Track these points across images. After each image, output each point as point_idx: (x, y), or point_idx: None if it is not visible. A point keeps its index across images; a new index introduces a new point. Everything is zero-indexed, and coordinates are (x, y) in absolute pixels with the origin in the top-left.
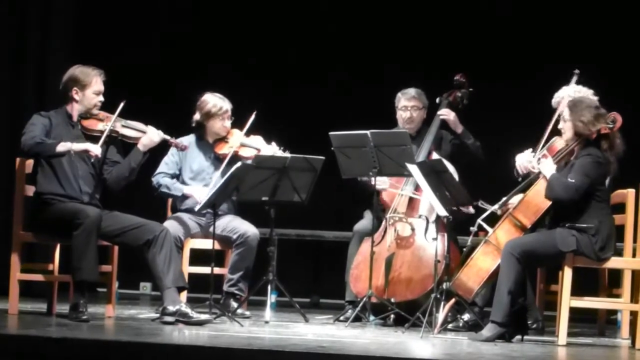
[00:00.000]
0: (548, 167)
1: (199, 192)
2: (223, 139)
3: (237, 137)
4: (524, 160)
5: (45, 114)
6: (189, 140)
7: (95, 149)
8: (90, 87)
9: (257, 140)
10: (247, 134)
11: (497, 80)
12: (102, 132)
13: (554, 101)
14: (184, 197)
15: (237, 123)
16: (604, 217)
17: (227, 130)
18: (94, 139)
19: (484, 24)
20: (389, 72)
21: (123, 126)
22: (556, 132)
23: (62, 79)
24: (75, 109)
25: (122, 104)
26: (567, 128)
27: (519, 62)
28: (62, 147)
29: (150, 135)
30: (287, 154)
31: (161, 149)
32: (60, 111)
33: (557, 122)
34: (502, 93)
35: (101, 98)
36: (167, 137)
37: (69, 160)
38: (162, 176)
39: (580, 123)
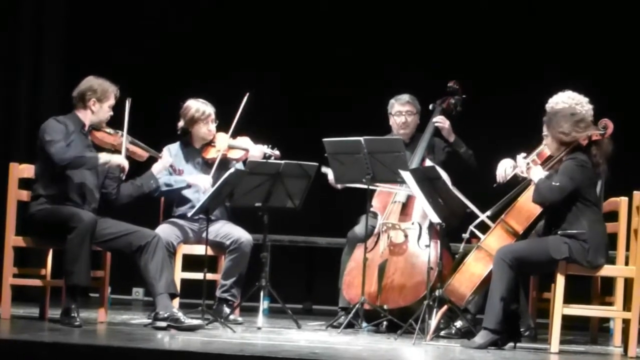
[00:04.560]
0: (537, 173)
1: (203, 180)
2: (210, 144)
3: (223, 140)
4: (502, 169)
5: (62, 119)
6: (175, 148)
7: (126, 164)
8: (108, 101)
9: (245, 141)
10: (234, 135)
11: (489, 87)
12: (113, 145)
13: (547, 106)
14: (183, 200)
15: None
16: (596, 225)
17: (213, 134)
18: (104, 152)
19: (478, 31)
20: (384, 78)
21: (131, 143)
22: None
23: (78, 85)
24: (88, 118)
25: (128, 103)
26: (549, 142)
27: (512, 70)
28: (103, 159)
29: (164, 162)
30: (276, 152)
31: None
32: (72, 117)
33: None
34: (494, 100)
35: (112, 112)
36: (172, 160)
37: (78, 169)
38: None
39: (562, 135)
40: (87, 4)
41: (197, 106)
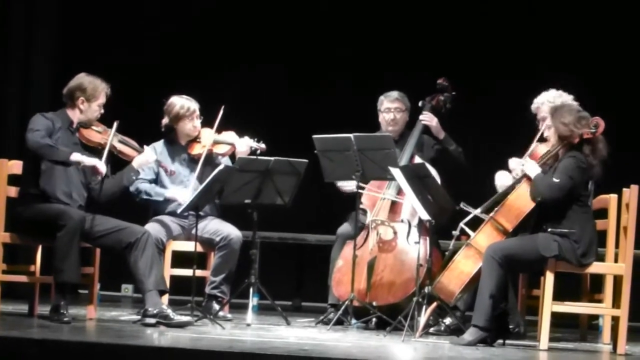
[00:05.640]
0: (533, 168)
1: (181, 195)
2: (195, 140)
3: (208, 136)
4: (504, 180)
5: (49, 116)
6: (160, 146)
7: (102, 168)
8: (97, 100)
9: (230, 135)
10: (218, 130)
11: (480, 85)
12: (100, 144)
13: (533, 107)
14: (167, 201)
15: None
16: (586, 223)
17: (198, 130)
18: (91, 150)
19: (469, 29)
20: (374, 76)
21: (119, 142)
22: (539, 139)
23: (68, 82)
24: (76, 117)
25: (115, 124)
26: (551, 134)
27: (503, 68)
28: (74, 157)
29: (146, 156)
30: (262, 145)
31: None
32: (61, 115)
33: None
34: (486, 98)
35: (102, 110)
36: (156, 157)
37: (63, 166)
38: (140, 182)
39: (561, 125)
40: (80, 3)
41: (181, 103)
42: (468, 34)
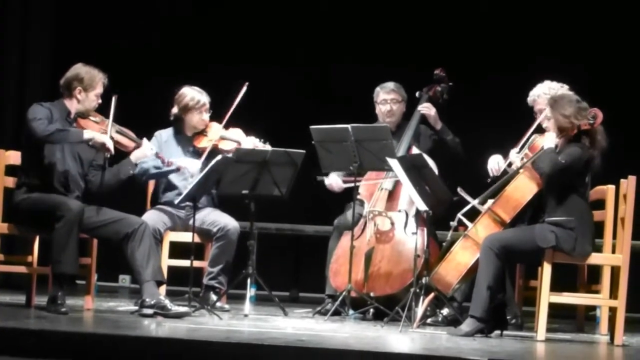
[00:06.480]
0: (550, 141)
1: (191, 164)
2: (202, 133)
3: (216, 130)
4: (494, 163)
5: (47, 105)
6: (167, 133)
7: (111, 145)
8: (94, 90)
9: (237, 133)
10: (226, 126)
11: (477, 76)
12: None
13: (529, 99)
14: (178, 169)
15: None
16: (583, 213)
17: (206, 123)
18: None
19: (465, 19)
20: (371, 67)
21: (117, 132)
22: (536, 130)
23: (65, 73)
24: (74, 107)
25: (114, 100)
26: (550, 125)
27: (500, 59)
28: (87, 134)
29: (144, 149)
30: (268, 146)
31: None
32: (58, 105)
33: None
34: (481, 89)
35: (100, 100)
36: (158, 151)
37: (62, 157)
38: (144, 163)
39: (561, 117)
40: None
41: (192, 94)
42: (466, 25)
